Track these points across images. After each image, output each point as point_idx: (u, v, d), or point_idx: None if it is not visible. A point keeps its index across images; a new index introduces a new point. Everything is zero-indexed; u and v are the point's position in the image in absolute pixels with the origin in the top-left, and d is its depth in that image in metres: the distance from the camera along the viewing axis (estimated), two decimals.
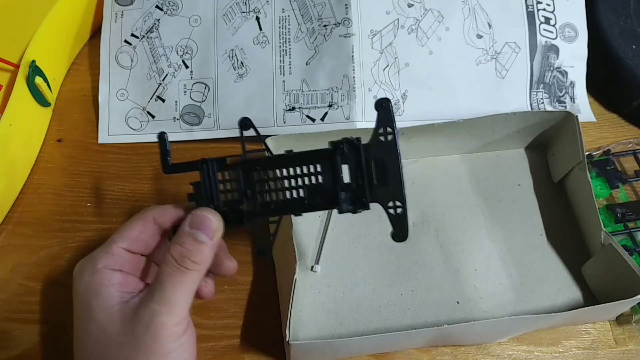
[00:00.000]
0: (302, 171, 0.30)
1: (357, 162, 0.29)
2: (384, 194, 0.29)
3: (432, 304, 0.41)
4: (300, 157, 0.30)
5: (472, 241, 0.44)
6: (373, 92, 0.47)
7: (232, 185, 0.30)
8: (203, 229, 0.29)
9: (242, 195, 0.30)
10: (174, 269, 0.28)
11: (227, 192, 0.30)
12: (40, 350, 0.40)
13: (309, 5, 0.48)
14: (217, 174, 0.30)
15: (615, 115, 0.52)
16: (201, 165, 0.30)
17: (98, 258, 0.30)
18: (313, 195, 0.30)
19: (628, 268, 0.37)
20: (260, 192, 0.30)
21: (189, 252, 0.29)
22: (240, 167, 0.30)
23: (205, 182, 0.30)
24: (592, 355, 0.41)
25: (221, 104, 0.48)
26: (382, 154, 0.29)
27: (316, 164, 0.30)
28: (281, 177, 0.30)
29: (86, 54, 0.53)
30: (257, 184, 0.30)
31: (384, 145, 0.29)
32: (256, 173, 0.30)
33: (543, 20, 0.50)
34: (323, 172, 0.30)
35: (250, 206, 0.30)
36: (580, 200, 0.44)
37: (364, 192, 0.29)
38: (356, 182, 0.29)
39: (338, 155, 0.29)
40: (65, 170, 0.48)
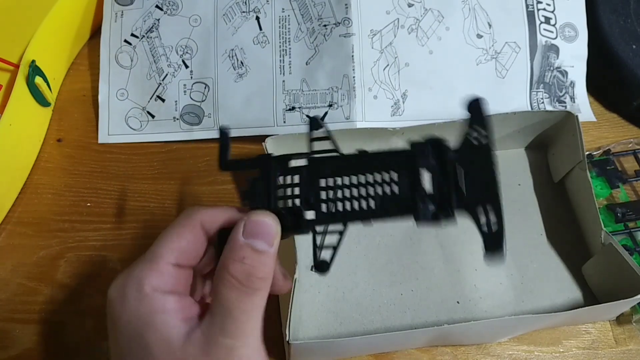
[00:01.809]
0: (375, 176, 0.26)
1: (442, 167, 0.25)
2: (473, 204, 0.24)
3: (432, 304, 0.41)
4: (375, 160, 0.26)
5: (473, 241, 0.44)
6: (373, 92, 0.47)
7: (292, 189, 0.26)
8: (261, 236, 0.24)
9: (304, 201, 0.26)
10: (241, 292, 0.23)
11: (287, 197, 0.26)
12: (40, 350, 0.40)
13: (309, 5, 0.48)
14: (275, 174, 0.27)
15: (615, 115, 0.52)
16: (264, 162, 0.27)
17: (144, 277, 0.24)
18: (385, 201, 0.25)
19: (628, 268, 0.37)
20: (323, 197, 0.26)
21: (252, 269, 0.24)
22: (305, 170, 0.26)
23: (264, 180, 0.26)
24: (593, 355, 0.41)
25: (221, 104, 0.48)
26: (471, 159, 0.25)
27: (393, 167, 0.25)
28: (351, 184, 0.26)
29: (86, 53, 0.53)
30: (320, 190, 0.26)
31: (474, 150, 0.25)
32: (320, 177, 0.26)
33: (543, 20, 0.50)
34: (399, 176, 0.25)
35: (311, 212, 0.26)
36: (581, 200, 0.44)
37: (450, 199, 0.25)
38: (439, 189, 0.25)
39: (420, 158, 0.25)
40: (65, 170, 0.48)
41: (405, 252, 0.43)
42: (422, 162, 0.25)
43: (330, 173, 0.26)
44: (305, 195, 0.26)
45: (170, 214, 0.46)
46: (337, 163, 0.27)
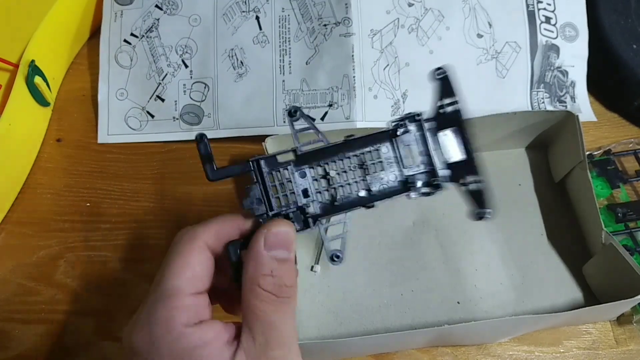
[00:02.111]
0: (364, 159, 0.27)
1: (422, 140, 0.27)
2: (456, 171, 0.27)
3: (432, 304, 0.41)
4: (358, 143, 0.27)
5: (473, 241, 0.44)
6: (373, 91, 0.47)
7: (286, 185, 0.27)
8: (281, 245, 0.25)
9: (301, 196, 0.27)
10: (277, 303, 0.24)
11: (284, 194, 0.27)
12: (40, 350, 0.40)
13: (308, 5, 0.48)
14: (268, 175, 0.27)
15: (615, 114, 0.52)
16: (253, 167, 0.26)
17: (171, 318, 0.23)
18: (379, 182, 0.27)
19: (629, 268, 0.37)
20: (320, 189, 0.27)
21: (281, 279, 0.24)
22: (294, 164, 0.27)
23: (260, 184, 0.26)
24: (593, 356, 0.41)
25: (221, 104, 0.48)
26: (446, 127, 0.27)
27: (378, 147, 0.27)
28: (340, 169, 0.27)
29: (85, 53, 0.53)
30: (315, 181, 0.27)
31: (447, 118, 0.27)
32: (312, 169, 0.27)
33: (544, 19, 0.50)
34: (386, 156, 0.27)
35: (313, 206, 0.27)
36: (581, 200, 0.44)
37: (435, 172, 0.27)
38: (423, 161, 0.27)
39: (400, 135, 0.27)
40: (64, 170, 0.47)
41: (405, 253, 0.43)
42: (403, 138, 0.27)
43: (320, 163, 0.27)
44: (301, 189, 0.27)
45: (170, 214, 0.46)
46: (325, 152, 0.27)
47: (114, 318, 0.41)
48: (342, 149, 0.27)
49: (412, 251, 0.43)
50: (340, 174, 0.27)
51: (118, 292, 0.42)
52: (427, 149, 0.27)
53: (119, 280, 0.43)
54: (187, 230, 0.26)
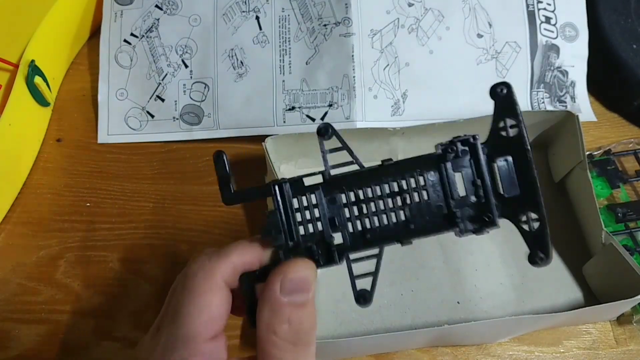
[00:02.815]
0: (403, 186, 0.24)
1: (476, 168, 0.23)
2: (513, 206, 0.23)
3: (432, 304, 0.41)
4: (398, 169, 0.24)
5: (473, 241, 0.44)
6: (373, 91, 0.47)
7: (312, 212, 0.24)
8: (302, 289, 0.23)
9: (328, 225, 0.24)
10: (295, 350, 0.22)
11: (308, 222, 0.24)
12: (40, 350, 0.40)
13: (308, 5, 0.48)
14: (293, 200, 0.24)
15: (615, 114, 0.52)
16: (275, 191, 0.24)
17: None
18: (419, 215, 0.24)
19: (629, 268, 0.37)
20: (351, 218, 0.24)
21: (300, 325, 0.22)
22: (322, 188, 0.24)
23: (281, 212, 0.24)
24: (593, 356, 0.41)
25: (221, 104, 0.48)
26: (507, 153, 0.23)
27: (420, 174, 0.24)
28: (375, 197, 0.24)
29: (85, 53, 0.53)
30: (345, 209, 0.24)
31: (507, 142, 0.23)
32: (344, 195, 0.24)
33: (544, 19, 0.50)
34: (430, 184, 0.24)
35: (342, 237, 0.24)
36: (581, 200, 0.44)
37: (489, 206, 0.23)
38: (475, 192, 0.23)
39: (450, 161, 0.23)
40: (64, 170, 0.47)
41: (406, 252, 0.43)
42: (453, 165, 0.24)
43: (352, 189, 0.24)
44: (328, 217, 0.24)
45: (170, 214, 0.46)
46: (359, 177, 0.24)
47: (114, 318, 0.41)
48: (379, 174, 0.24)
49: (412, 251, 0.43)
50: (376, 202, 0.24)
51: (118, 292, 0.42)
52: (482, 178, 0.23)
53: (119, 280, 0.43)
54: (203, 263, 0.23)
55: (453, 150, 0.23)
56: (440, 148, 0.24)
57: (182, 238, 0.45)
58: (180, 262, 0.43)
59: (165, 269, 0.43)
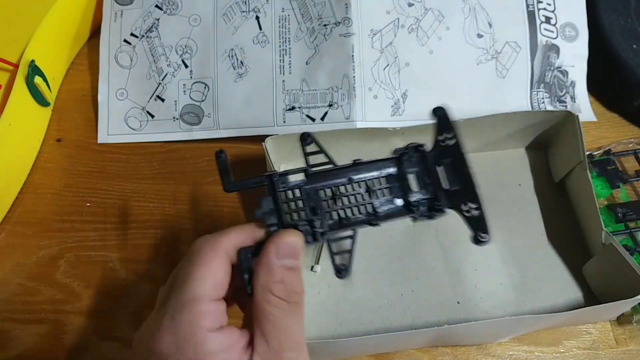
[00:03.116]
0: (371, 183, 0.29)
1: (425, 168, 0.29)
2: (456, 198, 0.28)
3: (432, 304, 0.41)
4: (365, 167, 0.29)
5: None
6: (373, 91, 0.47)
7: (297, 202, 0.29)
8: (293, 255, 0.26)
9: (310, 212, 0.28)
10: (288, 308, 0.26)
11: (295, 211, 0.28)
12: (40, 350, 0.40)
13: (308, 5, 0.48)
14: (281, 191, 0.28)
15: (615, 114, 0.52)
16: (269, 181, 0.28)
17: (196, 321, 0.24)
18: (385, 204, 0.29)
19: (629, 268, 0.37)
20: (329, 209, 0.29)
21: (291, 286, 0.26)
22: (305, 183, 0.29)
23: (273, 197, 0.28)
24: (593, 356, 0.41)
25: (221, 104, 0.48)
26: (446, 158, 0.29)
27: (384, 172, 0.29)
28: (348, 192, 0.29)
29: (85, 53, 0.53)
30: (324, 201, 0.29)
31: (447, 150, 0.29)
32: (322, 190, 0.29)
33: (544, 19, 0.50)
34: (391, 181, 0.29)
35: (321, 222, 0.28)
36: (581, 200, 0.44)
37: (438, 197, 0.29)
38: (425, 188, 0.29)
39: (405, 162, 0.30)
40: (64, 170, 0.47)
41: (405, 252, 0.43)
42: (407, 166, 0.29)
43: (329, 184, 0.29)
44: (310, 207, 0.28)
45: (169, 214, 0.46)
46: (334, 173, 0.29)
47: (114, 318, 0.41)
48: (350, 171, 0.29)
49: (412, 251, 0.43)
50: (348, 195, 0.29)
51: (118, 292, 0.42)
52: (430, 176, 0.29)
53: (119, 280, 0.43)
54: (208, 239, 0.27)
55: (407, 155, 0.29)
56: (397, 153, 0.30)
57: (182, 238, 0.45)
58: None
59: (165, 269, 0.43)
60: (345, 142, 0.44)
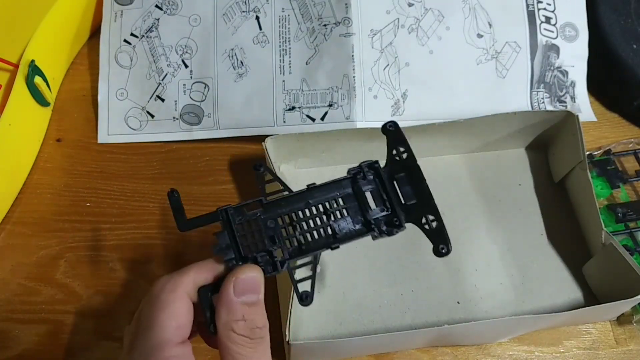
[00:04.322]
0: (328, 205, 0.29)
1: (381, 185, 0.29)
2: (415, 212, 0.28)
3: (432, 304, 0.41)
4: (321, 190, 0.29)
5: (473, 241, 0.44)
6: (373, 91, 0.47)
7: (255, 233, 0.28)
8: (251, 291, 0.26)
9: (269, 242, 0.28)
10: (252, 345, 0.26)
11: (254, 242, 0.28)
12: (40, 350, 0.40)
13: (308, 5, 0.48)
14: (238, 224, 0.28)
15: (616, 114, 0.52)
16: (222, 215, 0.28)
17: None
18: (344, 225, 0.29)
19: (629, 268, 0.37)
20: (287, 236, 0.28)
21: (253, 322, 0.26)
22: (261, 213, 0.28)
23: (229, 232, 0.28)
24: (593, 356, 0.41)
25: (221, 104, 0.48)
26: (402, 172, 0.29)
27: (340, 193, 0.29)
28: (307, 217, 0.29)
29: (85, 53, 0.53)
30: (283, 229, 0.28)
31: (401, 164, 0.29)
32: (280, 218, 0.28)
33: (544, 19, 0.50)
34: (348, 200, 0.29)
35: (281, 251, 0.28)
36: (581, 200, 0.44)
37: (396, 213, 0.28)
38: (383, 204, 0.29)
39: (360, 180, 0.29)
40: (64, 170, 0.47)
41: (405, 252, 0.43)
42: (363, 184, 0.29)
43: (286, 211, 0.29)
44: (268, 236, 0.28)
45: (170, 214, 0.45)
46: (290, 200, 0.29)
47: (114, 318, 0.41)
48: (305, 196, 0.29)
49: (412, 251, 0.43)
50: (307, 221, 0.29)
51: (118, 292, 0.42)
52: (387, 193, 0.29)
53: (119, 280, 0.43)
54: (167, 280, 0.27)
55: (361, 173, 0.29)
56: (352, 172, 0.29)
57: (182, 238, 0.45)
58: (181, 262, 0.43)
59: (165, 269, 0.43)
60: (345, 142, 0.44)
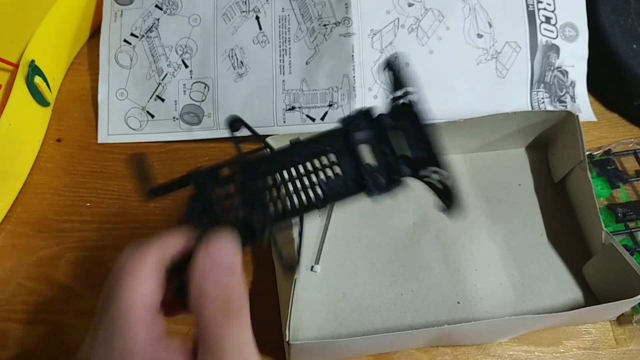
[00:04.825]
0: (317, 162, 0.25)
1: (379, 135, 0.24)
2: (418, 164, 0.24)
3: (432, 304, 0.41)
4: (308, 146, 0.25)
5: (473, 241, 0.44)
6: (373, 91, 0.47)
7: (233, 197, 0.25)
8: (225, 257, 0.24)
9: (249, 207, 0.24)
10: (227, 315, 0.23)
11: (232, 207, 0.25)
12: (39, 350, 0.40)
13: (309, 5, 0.48)
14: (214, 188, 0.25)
15: (615, 114, 0.52)
16: (194, 179, 0.25)
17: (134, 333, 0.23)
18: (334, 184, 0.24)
19: (629, 268, 0.37)
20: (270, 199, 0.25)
21: (228, 291, 0.23)
22: (239, 175, 0.25)
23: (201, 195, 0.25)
24: (593, 356, 0.41)
25: (221, 104, 0.48)
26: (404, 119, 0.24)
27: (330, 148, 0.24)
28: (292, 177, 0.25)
29: (85, 53, 0.53)
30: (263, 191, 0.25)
31: (404, 110, 0.24)
32: (260, 180, 0.25)
33: (544, 19, 0.50)
34: (340, 156, 0.24)
35: (262, 218, 0.24)
36: (581, 200, 0.44)
37: (395, 166, 0.24)
38: (382, 157, 0.24)
39: (354, 131, 0.24)
40: (64, 170, 0.47)
41: (405, 252, 0.43)
42: (358, 136, 0.24)
43: (267, 171, 0.25)
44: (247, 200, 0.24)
45: (169, 214, 0.46)
46: (272, 159, 0.25)
47: None
48: (289, 154, 0.25)
49: (412, 251, 0.43)
50: (292, 181, 0.25)
51: None
52: (384, 144, 0.24)
53: None
54: (135, 247, 0.25)
55: (355, 124, 0.24)
56: (344, 122, 0.24)
57: None
58: None
59: None
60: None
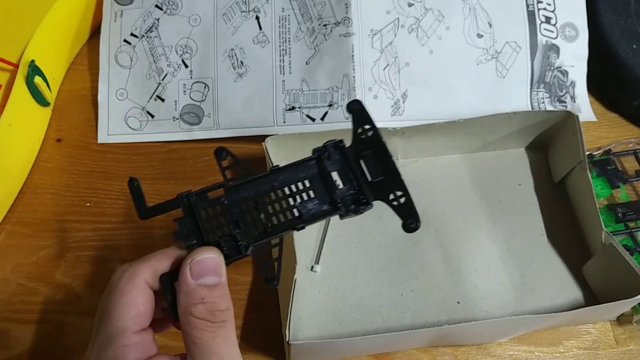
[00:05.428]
0: (294, 187, 0.28)
1: (346, 164, 0.29)
2: (382, 189, 0.28)
3: (432, 304, 0.41)
4: (286, 172, 0.29)
5: (473, 241, 0.44)
6: (373, 91, 0.47)
7: (219, 218, 0.28)
8: (209, 272, 0.25)
9: (233, 226, 0.27)
10: (213, 329, 0.25)
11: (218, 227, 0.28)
12: (39, 350, 0.40)
13: (309, 5, 0.48)
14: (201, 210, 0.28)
15: (615, 114, 0.52)
16: (183, 201, 0.28)
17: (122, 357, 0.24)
18: (310, 206, 0.28)
19: (629, 268, 0.37)
20: (252, 220, 0.28)
21: (213, 305, 0.25)
22: (225, 198, 0.28)
23: (190, 217, 0.27)
24: (593, 356, 0.41)
25: (221, 104, 0.48)
26: (368, 150, 0.29)
27: (305, 174, 0.29)
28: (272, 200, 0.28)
29: (85, 53, 0.53)
30: (247, 213, 0.28)
31: (367, 142, 0.29)
32: (244, 202, 0.28)
33: (544, 19, 0.50)
34: (314, 181, 0.29)
35: (246, 236, 0.27)
36: (581, 200, 0.44)
37: (363, 191, 0.28)
38: (350, 183, 0.28)
39: (325, 161, 0.29)
40: (64, 170, 0.47)
41: (406, 252, 0.43)
42: (328, 165, 0.29)
43: (250, 195, 0.28)
44: (232, 220, 0.27)
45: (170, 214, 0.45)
46: (254, 183, 0.28)
47: None
48: (270, 179, 0.28)
49: (412, 251, 0.43)
50: (272, 204, 0.28)
51: None
52: (353, 171, 0.29)
53: None
54: (126, 268, 0.26)
55: (325, 154, 0.29)
56: (317, 152, 0.29)
57: None
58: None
59: None
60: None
